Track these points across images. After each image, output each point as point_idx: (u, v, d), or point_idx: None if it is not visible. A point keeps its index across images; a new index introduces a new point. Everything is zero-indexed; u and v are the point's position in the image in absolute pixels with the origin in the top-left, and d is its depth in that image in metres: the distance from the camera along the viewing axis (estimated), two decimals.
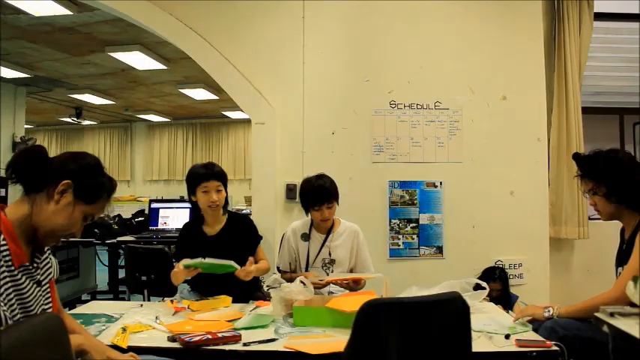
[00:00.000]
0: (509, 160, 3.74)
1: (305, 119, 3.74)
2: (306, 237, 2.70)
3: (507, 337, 1.81)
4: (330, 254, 2.67)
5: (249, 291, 2.58)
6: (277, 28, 3.80)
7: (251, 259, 2.37)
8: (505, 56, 3.77)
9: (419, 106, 3.75)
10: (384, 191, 3.71)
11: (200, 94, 8.73)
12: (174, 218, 4.28)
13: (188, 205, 4.32)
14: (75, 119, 9.61)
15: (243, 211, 5.44)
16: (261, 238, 2.68)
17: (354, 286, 2.50)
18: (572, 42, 3.84)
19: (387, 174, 3.72)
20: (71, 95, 9.03)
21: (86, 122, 10.94)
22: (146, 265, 2.87)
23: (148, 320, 2.01)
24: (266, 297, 2.52)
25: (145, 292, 2.86)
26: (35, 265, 1.50)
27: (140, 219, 4.55)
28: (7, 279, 1.37)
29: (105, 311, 2.17)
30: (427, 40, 3.77)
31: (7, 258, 1.38)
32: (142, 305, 2.32)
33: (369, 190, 3.71)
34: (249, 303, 2.34)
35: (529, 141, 3.76)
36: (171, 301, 2.35)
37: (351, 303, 1.95)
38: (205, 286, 2.50)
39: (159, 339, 1.82)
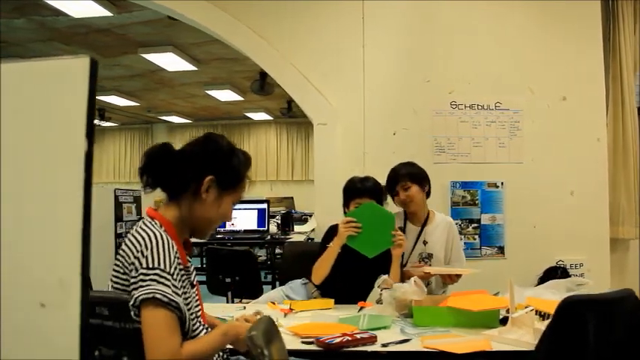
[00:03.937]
0: (569, 160, 3.74)
1: (366, 120, 3.74)
2: (400, 230, 2.53)
3: None
4: (426, 248, 2.60)
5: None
6: (336, 28, 3.79)
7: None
8: (564, 57, 3.77)
9: (479, 107, 3.75)
10: (445, 191, 3.72)
11: (226, 95, 8.73)
12: (241, 219, 4.27)
13: (255, 206, 4.39)
14: (99, 120, 9.59)
15: None
16: None
17: (450, 282, 2.47)
18: (628, 42, 3.84)
19: (448, 174, 3.72)
20: (96, 97, 9.02)
21: (107, 124, 10.90)
22: (230, 266, 2.87)
23: None
24: None
25: (229, 293, 2.85)
26: (189, 265, 1.50)
27: None
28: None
29: (212, 314, 2.15)
30: (487, 41, 3.77)
31: (179, 260, 1.37)
32: (244, 307, 2.31)
33: (431, 190, 3.70)
34: (352, 305, 2.32)
35: (589, 141, 3.76)
36: (273, 303, 2.34)
37: (473, 302, 1.96)
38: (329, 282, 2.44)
39: (289, 341, 1.81)
